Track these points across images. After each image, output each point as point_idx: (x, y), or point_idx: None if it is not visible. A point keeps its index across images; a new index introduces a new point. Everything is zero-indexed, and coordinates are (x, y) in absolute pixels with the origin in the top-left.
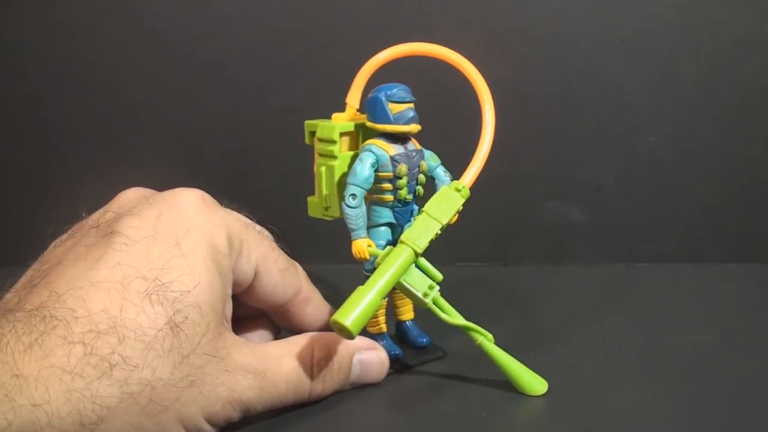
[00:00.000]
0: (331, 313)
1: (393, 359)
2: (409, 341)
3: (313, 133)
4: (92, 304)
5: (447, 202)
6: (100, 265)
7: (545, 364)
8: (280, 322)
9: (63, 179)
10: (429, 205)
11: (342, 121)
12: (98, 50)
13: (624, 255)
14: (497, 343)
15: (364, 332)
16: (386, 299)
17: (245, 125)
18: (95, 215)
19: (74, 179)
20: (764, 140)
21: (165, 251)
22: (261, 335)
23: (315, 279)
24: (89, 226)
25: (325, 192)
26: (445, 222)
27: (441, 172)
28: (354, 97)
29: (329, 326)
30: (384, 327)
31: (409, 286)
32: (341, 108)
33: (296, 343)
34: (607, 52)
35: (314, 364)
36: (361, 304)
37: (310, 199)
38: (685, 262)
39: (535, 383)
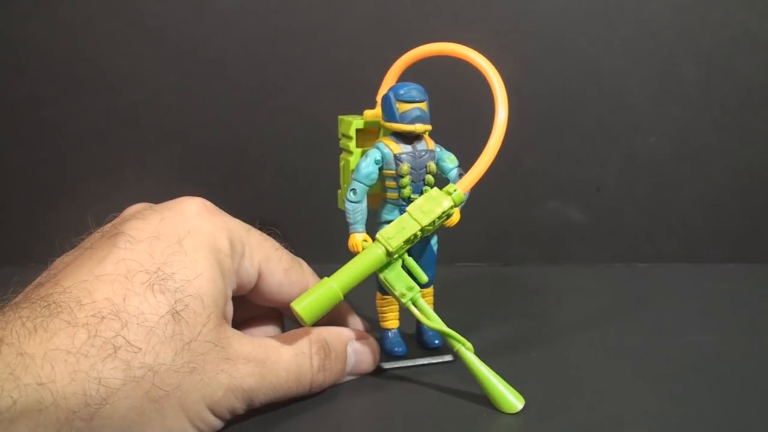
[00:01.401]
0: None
1: (396, 356)
2: (424, 341)
3: None
4: (96, 294)
5: (432, 204)
6: (105, 262)
7: (545, 365)
8: (294, 318)
9: (64, 179)
10: (412, 206)
11: (370, 118)
12: (98, 50)
13: (624, 255)
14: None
15: (376, 326)
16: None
17: (245, 125)
18: (102, 227)
19: (75, 179)
20: (764, 140)
21: (167, 248)
22: (266, 334)
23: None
24: (96, 234)
25: (344, 185)
26: (425, 223)
27: (455, 174)
28: (382, 95)
29: (338, 321)
30: (395, 323)
31: (388, 284)
32: (342, 108)
33: (293, 335)
34: (607, 52)
35: (312, 353)
36: (316, 294)
37: (339, 192)
38: (685, 262)
39: (509, 400)
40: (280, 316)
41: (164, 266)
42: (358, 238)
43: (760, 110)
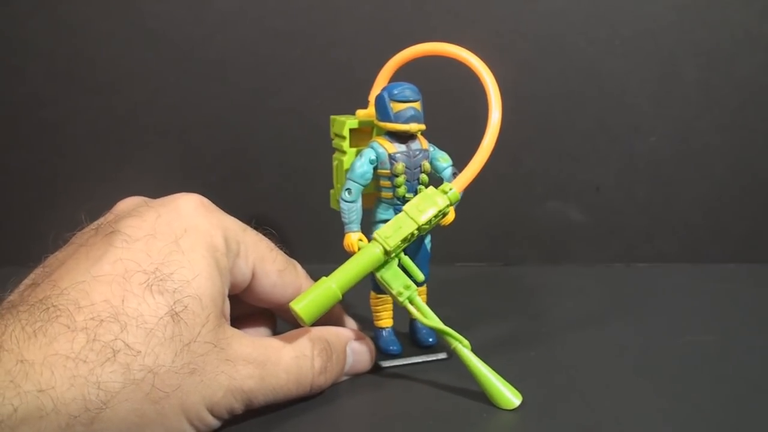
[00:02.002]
0: (335, 307)
1: (391, 355)
2: (418, 340)
3: None
4: (95, 296)
5: (429, 203)
6: (102, 262)
7: (545, 364)
8: (285, 319)
9: (63, 179)
10: (409, 204)
11: (363, 117)
12: (98, 50)
13: (624, 255)
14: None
15: (369, 325)
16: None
17: (245, 125)
18: (96, 222)
19: (74, 179)
20: (764, 140)
21: (164, 248)
22: (258, 332)
23: (314, 278)
24: (90, 230)
25: (337, 185)
26: (422, 221)
27: (449, 173)
28: (375, 95)
29: (332, 321)
30: (389, 321)
31: (385, 283)
32: (341, 108)
33: (294, 336)
34: (607, 52)
35: (315, 355)
36: (315, 293)
37: (331, 191)
38: (685, 262)
39: (506, 396)
40: (273, 315)
41: (162, 266)
42: (353, 237)
43: (760, 110)
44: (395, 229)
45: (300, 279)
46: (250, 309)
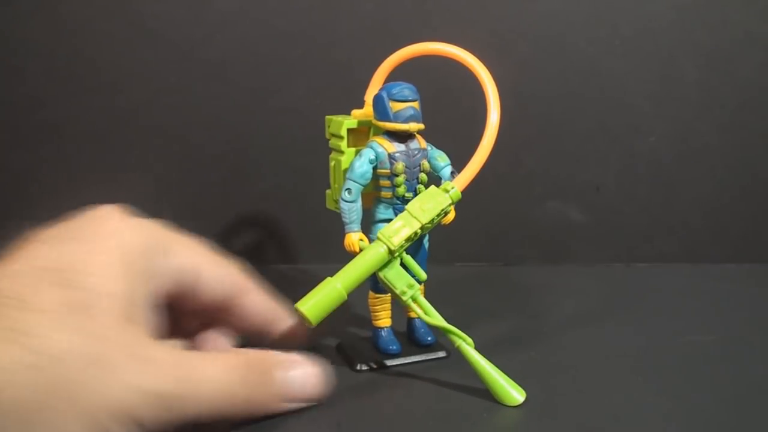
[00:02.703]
0: (275, 306)
1: (390, 355)
2: (416, 339)
3: None
4: None
5: (431, 202)
6: (10, 260)
7: (545, 364)
8: (230, 324)
9: (63, 180)
10: (411, 204)
11: (359, 117)
12: (98, 50)
13: (624, 255)
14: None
15: (367, 324)
16: (388, 294)
17: (245, 125)
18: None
19: (74, 179)
20: (764, 140)
21: (76, 248)
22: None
23: (314, 278)
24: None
25: (334, 185)
26: (425, 221)
27: (448, 172)
28: (371, 95)
29: (274, 318)
30: (388, 321)
31: (388, 282)
32: (342, 107)
33: (219, 354)
34: (607, 52)
35: (235, 374)
36: (321, 294)
37: (327, 192)
38: (685, 262)
39: (510, 393)
40: (231, 337)
41: (72, 264)
42: (354, 237)
43: (760, 110)
44: (399, 228)
45: (235, 275)
46: (200, 324)
